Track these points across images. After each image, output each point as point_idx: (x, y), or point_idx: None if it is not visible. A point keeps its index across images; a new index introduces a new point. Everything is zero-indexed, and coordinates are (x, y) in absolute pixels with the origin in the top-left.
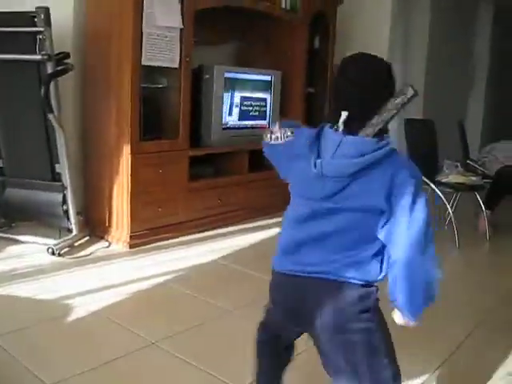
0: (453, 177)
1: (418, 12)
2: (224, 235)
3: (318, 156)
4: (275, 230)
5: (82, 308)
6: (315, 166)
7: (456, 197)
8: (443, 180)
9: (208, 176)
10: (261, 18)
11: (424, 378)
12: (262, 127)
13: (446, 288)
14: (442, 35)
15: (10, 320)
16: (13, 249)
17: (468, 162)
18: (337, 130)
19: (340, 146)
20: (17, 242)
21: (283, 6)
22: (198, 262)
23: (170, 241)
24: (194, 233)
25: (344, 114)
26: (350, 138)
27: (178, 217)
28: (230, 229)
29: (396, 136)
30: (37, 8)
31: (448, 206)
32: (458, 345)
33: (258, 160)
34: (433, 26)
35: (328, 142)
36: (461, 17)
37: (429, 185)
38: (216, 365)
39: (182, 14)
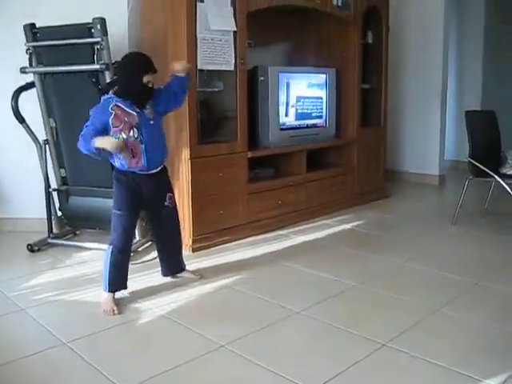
0: None
1: None
2: (286, 236)
3: None
4: (336, 229)
5: (149, 312)
6: None
7: None
8: (509, 172)
9: (267, 177)
10: (313, 17)
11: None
12: (319, 126)
13: None
14: (498, 20)
15: (80, 325)
16: (79, 255)
17: None
18: None
19: None
20: (82, 248)
21: (335, 2)
22: (260, 264)
23: (233, 243)
24: (255, 234)
25: None
26: None
27: (239, 219)
28: (292, 229)
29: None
30: (93, 19)
31: None
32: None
33: (316, 159)
34: (489, 11)
35: None
36: None
37: (493, 177)
38: (286, 366)
39: (235, 17)
